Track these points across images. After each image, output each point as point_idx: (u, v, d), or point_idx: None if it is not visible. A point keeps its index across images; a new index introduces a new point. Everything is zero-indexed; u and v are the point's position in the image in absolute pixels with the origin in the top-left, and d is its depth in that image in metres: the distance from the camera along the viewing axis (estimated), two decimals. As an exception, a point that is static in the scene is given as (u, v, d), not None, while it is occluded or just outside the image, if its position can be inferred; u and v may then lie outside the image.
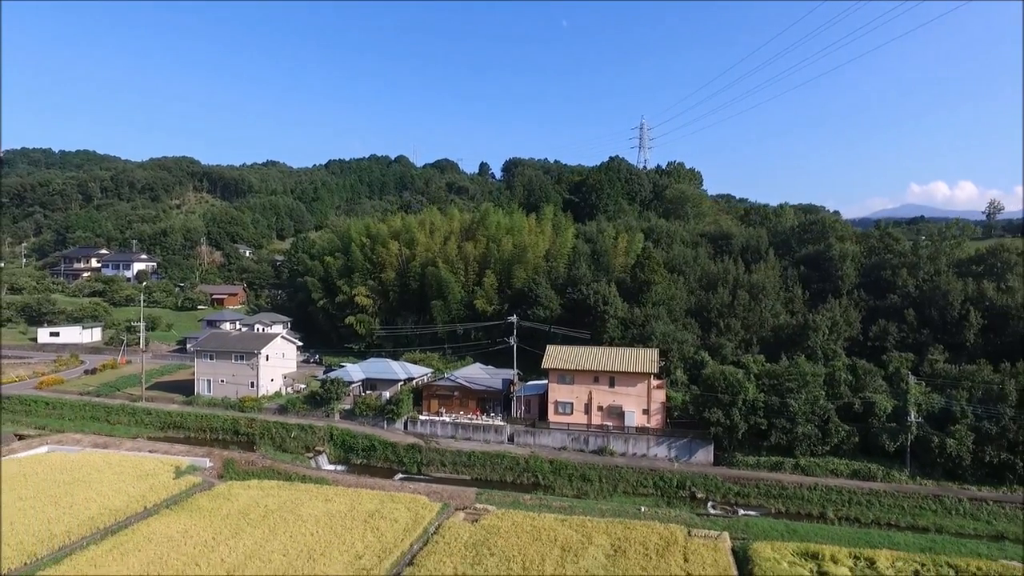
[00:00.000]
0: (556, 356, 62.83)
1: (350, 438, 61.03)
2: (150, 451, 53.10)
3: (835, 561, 36.86)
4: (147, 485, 44.73)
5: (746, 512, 48.82)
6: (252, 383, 68.93)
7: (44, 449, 53.55)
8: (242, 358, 69.37)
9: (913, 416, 51.65)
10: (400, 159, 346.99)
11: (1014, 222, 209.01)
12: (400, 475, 56.02)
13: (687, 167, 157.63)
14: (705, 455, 56.07)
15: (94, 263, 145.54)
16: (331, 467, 56.64)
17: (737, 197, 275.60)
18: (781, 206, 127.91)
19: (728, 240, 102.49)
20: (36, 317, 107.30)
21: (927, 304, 73.40)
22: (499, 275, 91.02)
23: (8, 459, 50.55)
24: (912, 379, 54.03)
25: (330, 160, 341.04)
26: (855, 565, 36.60)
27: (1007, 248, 77.02)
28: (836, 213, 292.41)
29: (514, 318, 68.52)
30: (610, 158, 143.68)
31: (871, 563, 36.64)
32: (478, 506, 45.04)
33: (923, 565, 36.41)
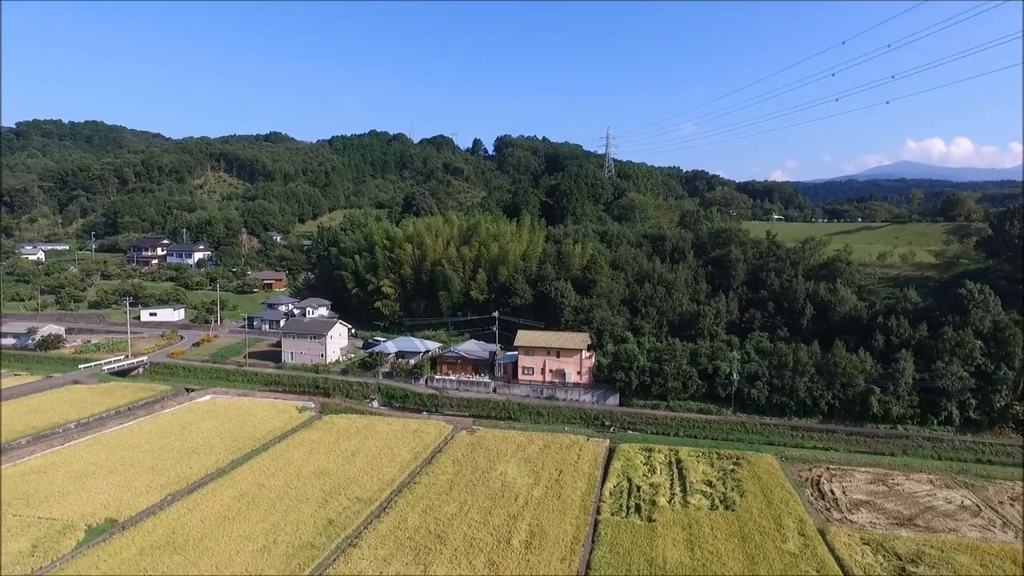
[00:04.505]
0: (523, 337, 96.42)
1: (391, 390, 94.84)
2: (275, 398, 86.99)
3: (659, 452, 71.30)
4: (286, 416, 78.72)
5: (632, 432, 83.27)
6: (322, 354, 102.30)
7: (208, 397, 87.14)
8: (314, 338, 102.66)
9: (735, 376, 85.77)
10: (399, 136, 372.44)
11: (924, 202, 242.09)
12: (425, 413, 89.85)
13: (647, 166, 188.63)
14: (614, 400, 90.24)
15: (159, 252, 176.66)
16: (383, 408, 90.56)
17: (710, 173, 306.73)
18: (711, 210, 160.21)
19: (663, 241, 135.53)
20: (133, 300, 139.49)
21: (783, 298, 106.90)
22: (488, 272, 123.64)
23: (191, 402, 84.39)
24: (734, 353, 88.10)
25: (334, 136, 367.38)
26: (668, 453, 71.04)
27: (840, 259, 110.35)
28: (796, 190, 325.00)
29: (496, 313, 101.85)
30: (579, 166, 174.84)
31: (676, 452, 71.06)
32: (474, 428, 79.22)
33: (704, 453, 70.97)
